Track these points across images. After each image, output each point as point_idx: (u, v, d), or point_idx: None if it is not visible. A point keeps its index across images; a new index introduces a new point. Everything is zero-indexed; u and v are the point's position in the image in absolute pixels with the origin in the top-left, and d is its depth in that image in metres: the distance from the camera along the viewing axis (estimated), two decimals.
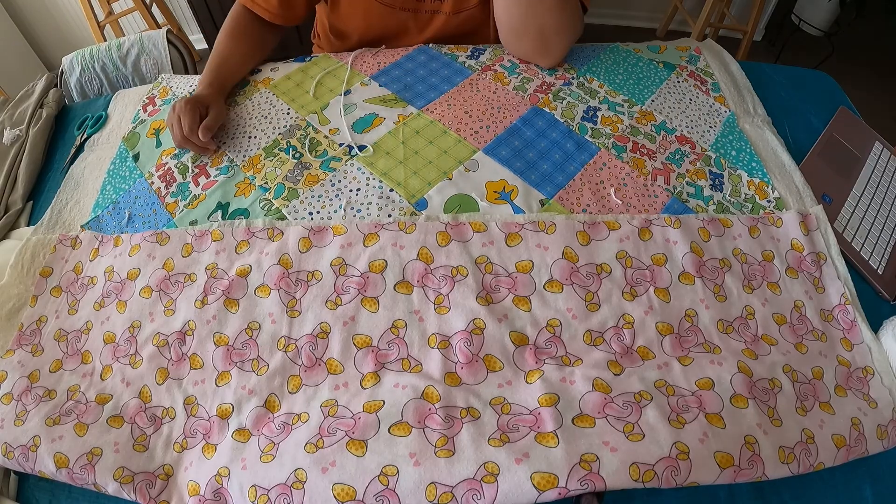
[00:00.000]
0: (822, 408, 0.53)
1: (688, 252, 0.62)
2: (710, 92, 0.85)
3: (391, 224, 0.65)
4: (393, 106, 0.81)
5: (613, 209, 0.67)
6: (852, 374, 0.57)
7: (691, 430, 0.48)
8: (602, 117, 0.79)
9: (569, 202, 0.68)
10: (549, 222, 0.65)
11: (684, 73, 0.87)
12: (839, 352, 0.59)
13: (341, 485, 0.47)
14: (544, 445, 0.47)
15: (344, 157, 0.75)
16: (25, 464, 0.54)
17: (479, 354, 0.54)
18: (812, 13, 2.43)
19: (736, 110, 0.82)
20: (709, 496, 0.51)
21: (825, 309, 0.62)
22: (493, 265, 0.61)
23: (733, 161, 0.75)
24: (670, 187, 0.70)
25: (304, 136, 0.79)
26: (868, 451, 0.52)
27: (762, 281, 0.62)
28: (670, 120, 0.79)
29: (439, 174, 0.72)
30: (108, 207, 0.78)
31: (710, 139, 0.77)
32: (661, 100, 0.82)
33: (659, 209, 0.68)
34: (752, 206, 0.69)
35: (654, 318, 0.58)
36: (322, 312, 0.60)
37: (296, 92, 0.86)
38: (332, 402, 0.54)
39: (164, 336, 0.61)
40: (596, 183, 0.70)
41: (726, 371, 0.53)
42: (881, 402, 0.55)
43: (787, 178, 0.73)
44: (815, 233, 0.66)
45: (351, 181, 0.72)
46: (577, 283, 0.60)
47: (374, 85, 0.85)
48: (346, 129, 0.79)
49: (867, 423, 0.53)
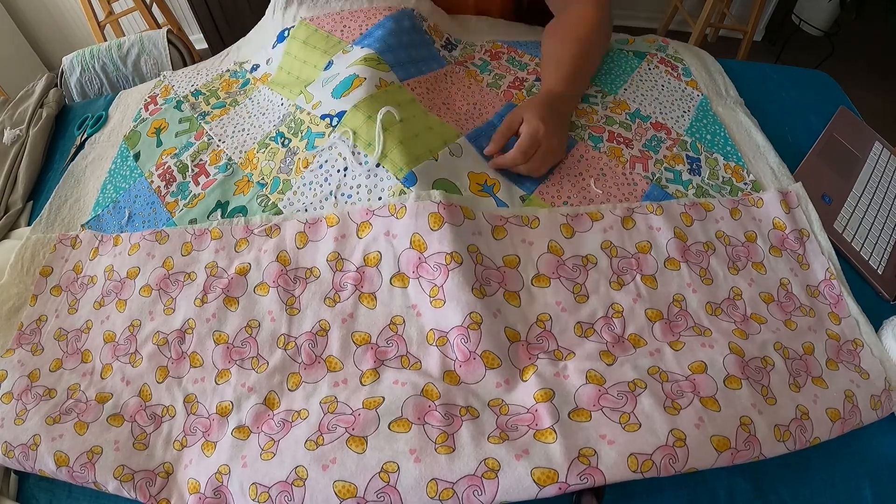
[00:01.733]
0: (815, 382, 0.54)
1: (672, 238, 0.63)
2: (682, 77, 0.85)
3: (382, 209, 0.64)
4: (375, 67, 0.77)
5: (594, 199, 0.67)
6: (842, 346, 0.57)
7: (686, 416, 0.48)
8: (576, 109, 0.78)
9: (549, 196, 0.68)
10: (532, 217, 0.64)
11: (654, 59, 0.88)
12: (828, 326, 0.59)
13: (342, 482, 0.47)
14: (543, 442, 0.47)
15: (326, 131, 0.72)
16: (25, 462, 0.54)
17: (476, 352, 0.54)
18: (812, 13, 2.43)
19: (708, 94, 0.83)
20: (709, 496, 0.51)
21: (811, 285, 0.62)
22: (482, 256, 0.61)
23: (709, 145, 0.75)
24: (649, 174, 0.71)
25: (291, 120, 0.78)
26: (863, 422, 0.52)
27: (747, 262, 0.63)
28: (644, 107, 0.79)
29: (426, 150, 0.68)
30: (108, 206, 0.78)
31: (685, 124, 0.78)
32: (633, 88, 0.82)
33: (639, 197, 0.68)
34: (730, 188, 0.70)
35: (642, 305, 0.58)
36: (321, 310, 0.60)
37: (286, 79, 0.86)
38: (331, 399, 0.53)
39: (164, 335, 0.61)
40: (575, 175, 0.70)
41: (718, 353, 0.53)
42: (873, 373, 0.55)
43: (761, 160, 0.73)
44: (796, 210, 0.66)
45: (337, 158, 0.69)
46: (564, 276, 0.60)
47: (356, 49, 0.82)
48: (327, 97, 0.76)
49: (860, 394, 0.53)
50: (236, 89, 0.90)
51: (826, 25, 2.42)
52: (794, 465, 0.52)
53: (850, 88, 0.92)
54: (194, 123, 0.85)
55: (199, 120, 0.85)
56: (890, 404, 0.54)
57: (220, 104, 0.87)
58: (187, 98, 0.90)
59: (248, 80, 0.91)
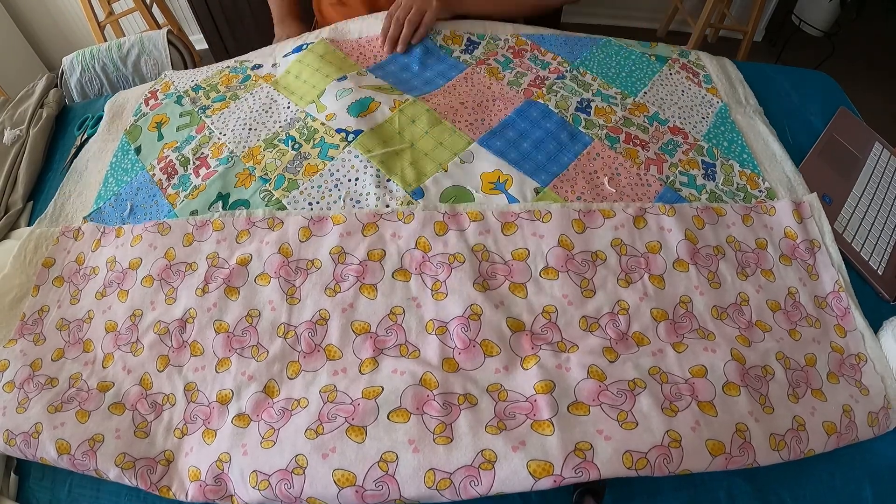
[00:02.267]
0: (814, 395, 0.54)
1: (682, 240, 0.63)
2: (703, 83, 0.85)
3: (390, 214, 0.66)
4: (389, 93, 0.81)
5: (607, 198, 0.68)
6: (845, 360, 0.58)
7: (683, 419, 0.48)
8: (595, 109, 0.79)
9: (563, 191, 0.68)
10: (544, 211, 0.65)
11: (676, 65, 0.88)
12: (832, 338, 0.59)
13: (342, 470, 0.47)
14: (540, 433, 0.48)
15: (341, 144, 0.74)
16: (27, 450, 0.55)
17: (476, 340, 0.55)
18: (812, 13, 2.43)
19: (728, 101, 0.83)
20: (708, 497, 0.51)
21: (819, 296, 0.62)
22: (489, 253, 0.62)
23: (725, 151, 0.75)
24: (663, 176, 0.71)
25: (302, 126, 0.79)
26: (858, 438, 0.52)
27: (756, 268, 0.63)
28: (663, 111, 0.80)
29: (435, 166, 0.71)
30: (109, 199, 0.78)
31: (703, 130, 0.78)
32: (653, 92, 0.83)
33: (652, 198, 0.68)
34: (744, 195, 0.70)
35: (648, 304, 0.59)
36: (321, 300, 0.61)
37: (295, 84, 0.86)
38: (331, 388, 0.54)
39: (165, 324, 0.62)
40: (590, 173, 0.71)
41: (719, 358, 0.54)
42: (873, 390, 0.55)
43: (777, 169, 0.73)
44: (808, 220, 0.67)
45: (349, 170, 0.72)
46: (573, 270, 0.60)
47: (370, 76, 0.85)
48: (343, 112, 0.78)
49: (858, 410, 0.53)
50: (236, 84, 0.90)
51: (826, 26, 2.42)
52: (795, 467, 0.52)
53: (850, 89, 0.92)
54: (195, 117, 0.85)
55: (199, 114, 0.85)
56: (887, 422, 0.54)
57: (220, 98, 0.87)
58: (187, 93, 0.90)
59: (248, 76, 0.91)
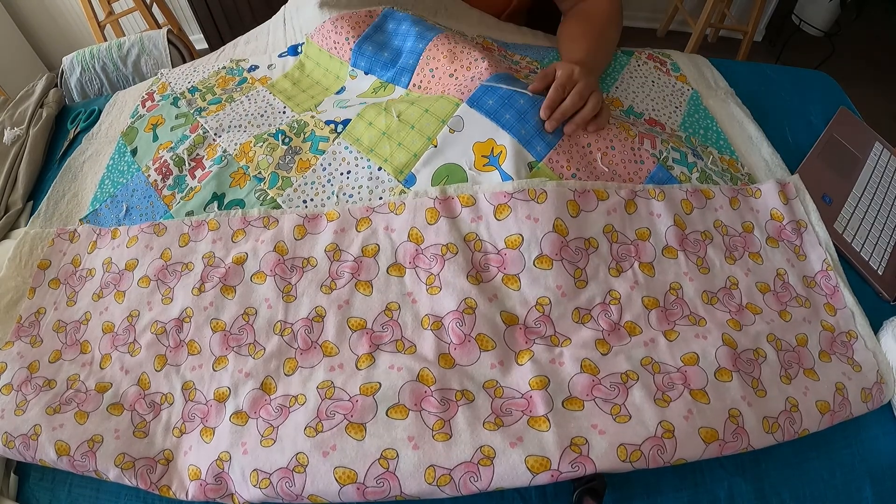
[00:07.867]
0: (807, 374, 0.54)
1: (671, 225, 0.63)
2: (671, 72, 0.85)
3: (382, 206, 0.65)
4: (383, 94, 0.80)
5: (600, 176, 0.66)
6: (836, 338, 0.58)
7: (676, 408, 0.48)
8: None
9: (558, 165, 0.65)
10: (539, 189, 0.61)
11: (643, 55, 0.88)
12: (823, 317, 0.59)
13: (342, 468, 0.47)
14: (536, 429, 0.48)
15: (331, 136, 0.73)
16: (26, 452, 0.55)
17: (471, 334, 0.55)
18: (812, 13, 2.43)
19: (698, 87, 0.83)
20: (709, 497, 0.51)
21: (807, 275, 0.62)
22: (482, 242, 0.61)
23: (703, 139, 0.75)
24: (656, 152, 0.69)
25: (292, 121, 0.78)
26: (853, 415, 0.53)
27: (743, 251, 0.63)
28: (637, 104, 0.80)
29: (424, 141, 0.68)
30: (105, 201, 0.78)
31: (678, 119, 0.78)
32: (624, 86, 0.83)
33: (643, 177, 0.67)
34: (730, 175, 0.70)
35: (639, 292, 0.59)
36: (317, 297, 0.60)
37: (293, 91, 0.86)
38: (328, 384, 0.54)
39: (162, 324, 0.61)
40: (584, 146, 0.67)
41: (711, 345, 0.54)
42: (865, 366, 0.55)
43: (754, 152, 0.74)
44: (794, 201, 0.67)
45: (341, 163, 0.71)
46: (567, 259, 0.59)
47: (360, 74, 0.83)
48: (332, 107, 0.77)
49: (851, 387, 0.53)
50: (232, 86, 0.90)
51: (826, 26, 2.43)
52: (795, 466, 0.52)
53: (851, 89, 0.92)
54: (190, 118, 0.84)
55: (194, 115, 0.85)
56: (881, 396, 0.54)
57: (215, 100, 0.87)
58: (184, 94, 0.90)
59: (244, 78, 0.91)
